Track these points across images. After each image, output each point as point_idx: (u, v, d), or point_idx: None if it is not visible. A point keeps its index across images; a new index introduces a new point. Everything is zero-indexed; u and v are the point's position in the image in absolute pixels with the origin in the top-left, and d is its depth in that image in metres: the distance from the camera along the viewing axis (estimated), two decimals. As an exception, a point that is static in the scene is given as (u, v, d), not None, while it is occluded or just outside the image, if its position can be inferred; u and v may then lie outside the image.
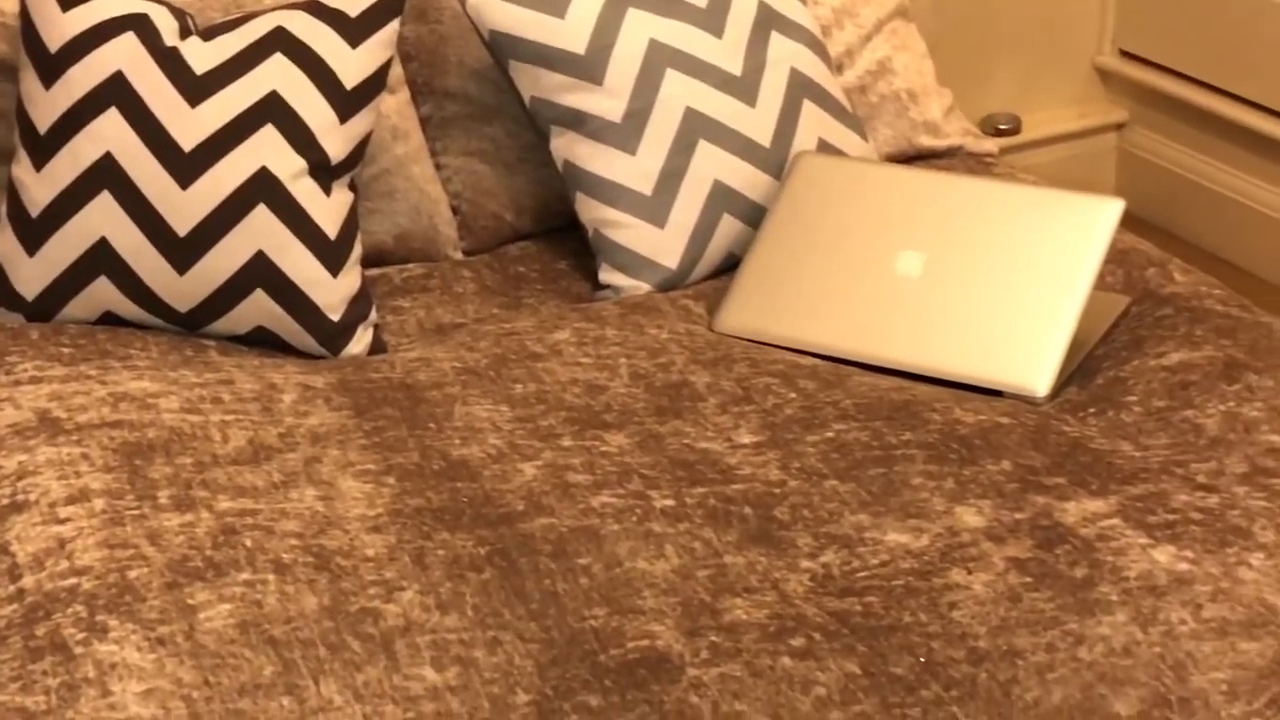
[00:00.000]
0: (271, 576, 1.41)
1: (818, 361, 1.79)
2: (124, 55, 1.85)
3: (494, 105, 2.13)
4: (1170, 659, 1.30)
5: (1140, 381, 1.70)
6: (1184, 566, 1.40)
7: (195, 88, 1.84)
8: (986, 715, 1.25)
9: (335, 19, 1.91)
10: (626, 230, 1.97)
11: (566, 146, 2.01)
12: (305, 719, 1.26)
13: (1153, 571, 1.39)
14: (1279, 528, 1.44)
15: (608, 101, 1.99)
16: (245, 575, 1.41)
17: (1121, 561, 1.41)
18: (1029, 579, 1.39)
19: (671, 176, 1.98)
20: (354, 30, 1.91)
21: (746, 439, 1.61)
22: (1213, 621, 1.33)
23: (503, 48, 2.01)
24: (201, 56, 1.87)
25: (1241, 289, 2.90)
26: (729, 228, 2.00)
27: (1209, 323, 1.79)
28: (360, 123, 1.91)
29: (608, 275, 1.98)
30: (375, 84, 1.93)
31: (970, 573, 1.40)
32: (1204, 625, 1.33)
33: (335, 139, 1.88)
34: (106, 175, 1.81)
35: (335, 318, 1.84)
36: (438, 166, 2.10)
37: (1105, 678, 1.28)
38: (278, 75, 1.87)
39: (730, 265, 2.01)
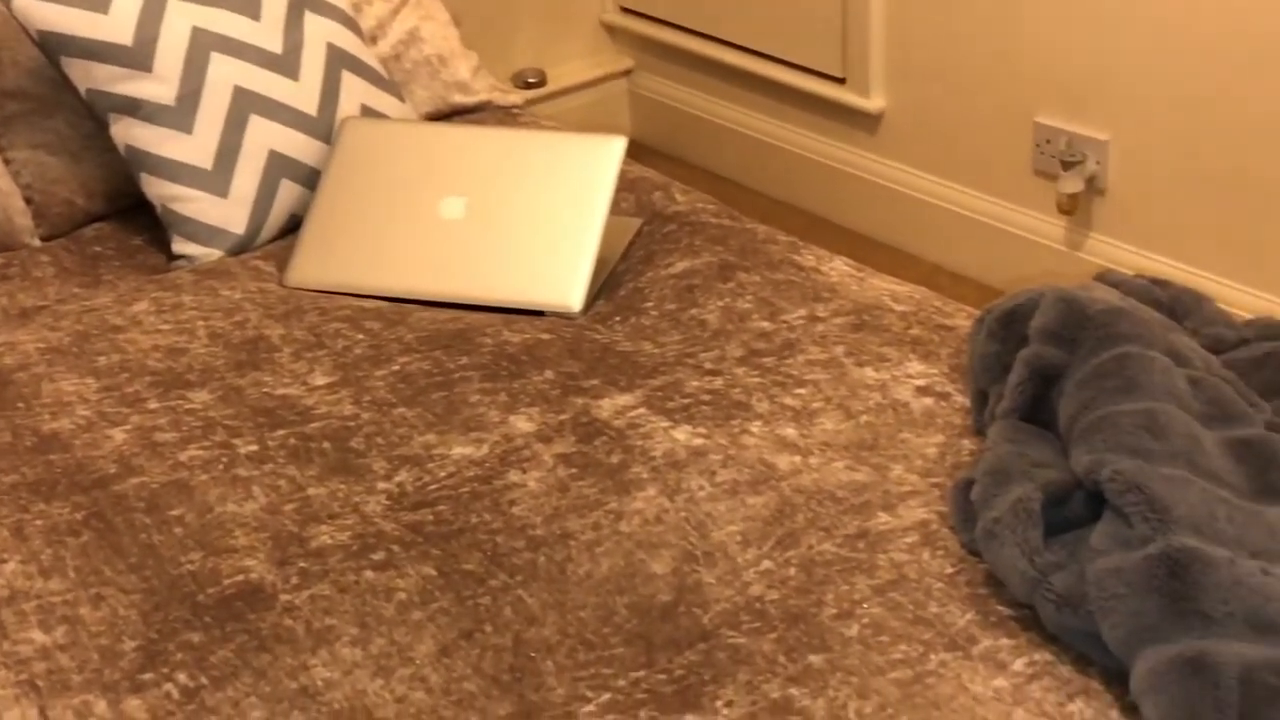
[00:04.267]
0: None
1: (381, 303, 1.76)
2: None
3: (53, 99, 2.01)
4: (694, 520, 1.33)
5: (654, 289, 1.74)
6: (699, 441, 1.44)
7: None
8: (547, 593, 1.26)
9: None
10: (192, 203, 1.89)
11: (126, 132, 1.90)
12: (-84, 698, 1.17)
13: (674, 449, 1.43)
14: (771, 399, 1.50)
15: (159, 87, 1.89)
16: None
17: (648, 444, 1.44)
18: (574, 470, 1.41)
19: (228, 150, 1.91)
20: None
21: (321, 380, 1.58)
22: (725, 484, 1.38)
23: (53, 45, 1.89)
24: None
25: (736, 200, 3.04)
26: (288, 192, 1.95)
27: (705, 234, 1.84)
28: (-82, 127, 1.75)
29: (180, 246, 1.90)
30: (-71, 89, 1.77)
31: (525, 472, 1.41)
32: (718, 489, 1.37)
33: (-106, 145, 1.72)
34: None
35: (-84, 314, 1.69)
36: (6, 161, 1.96)
37: (643, 545, 1.31)
38: None
39: (293, 226, 1.96)
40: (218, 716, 1.15)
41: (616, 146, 1.83)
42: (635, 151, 3.17)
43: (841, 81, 2.87)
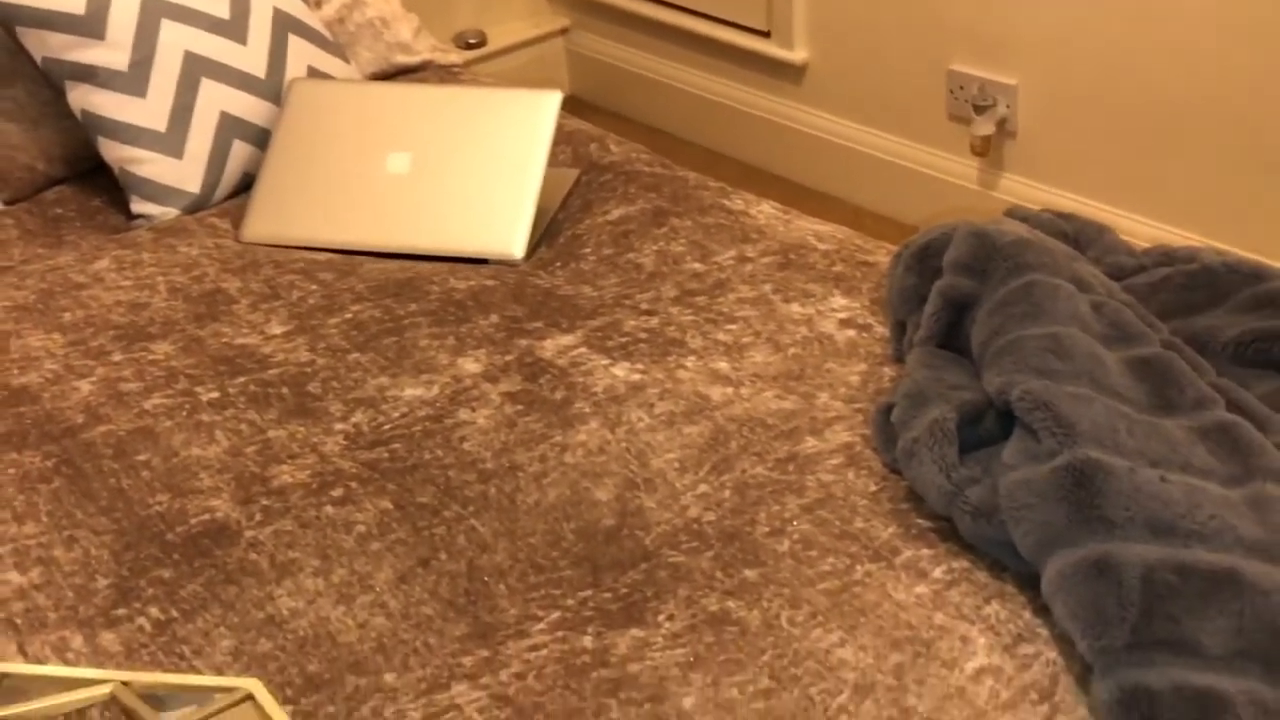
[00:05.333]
0: None
1: (333, 256, 1.75)
2: None
3: (10, 68, 1.97)
4: (634, 450, 1.34)
5: (592, 236, 1.73)
6: (637, 377, 1.44)
7: None
8: (498, 521, 1.27)
9: None
10: (148, 164, 1.86)
11: (82, 98, 1.87)
12: (-101, 640, 1.16)
13: (614, 385, 1.43)
14: (704, 334, 1.50)
15: (112, 54, 1.85)
16: None
17: (590, 380, 1.44)
18: (521, 407, 1.41)
19: (181, 112, 1.87)
20: None
21: (277, 330, 1.57)
22: (663, 415, 1.38)
23: (8, 15, 1.84)
24: None
25: (672, 152, 3.03)
26: (241, 151, 1.92)
27: (639, 182, 1.83)
28: (-122, 97, 1.71)
29: (139, 206, 1.87)
30: (-113, 60, 1.73)
31: (474, 410, 1.41)
32: (657, 420, 1.38)
33: None
34: None
35: (-116, 278, 1.66)
36: (-34, 129, 1.92)
37: (587, 474, 1.32)
38: None
39: (247, 184, 1.93)
40: (189, 646, 1.15)
41: (552, 101, 1.82)
42: (575, 107, 3.17)
43: (767, 35, 2.86)
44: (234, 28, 1.93)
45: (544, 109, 1.80)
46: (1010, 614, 1.13)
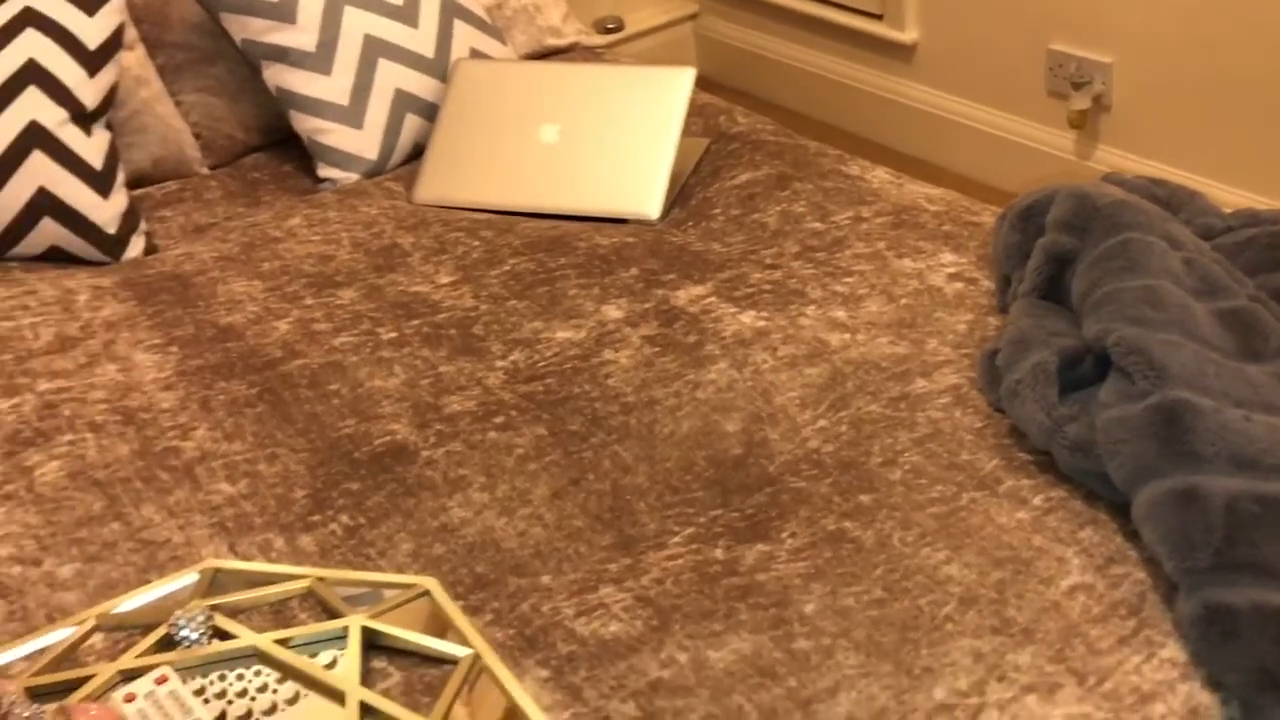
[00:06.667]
0: (90, 435, 1.35)
1: (492, 215, 1.78)
2: (-105, 42, 1.68)
3: (214, 50, 2.02)
4: (759, 388, 1.35)
5: (721, 198, 1.74)
6: (762, 323, 1.45)
7: (-38, 62, 1.69)
8: (639, 448, 1.29)
9: (71, -6, 1.77)
10: (333, 135, 1.91)
11: (276, 75, 1.92)
12: (132, 537, 1.22)
13: (741, 330, 1.44)
14: (823, 286, 1.51)
15: (302, 36, 1.90)
16: (68, 437, 1.35)
17: (719, 326, 1.45)
18: (658, 348, 1.43)
19: (362, 89, 1.92)
20: (89, 1, 1.78)
21: (445, 279, 1.60)
22: (785, 358, 1.39)
23: (213, 2, 1.90)
24: (-37, 36, 1.71)
25: (789, 125, 3.01)
26: (412, 124, 1.96)
27: (764, 150, 1.83)
28: (106, 76, 1.78)
29: (324, 171, 1.92)
30: (114, 44, 1.79)
31: (617, 351, 1.43)
32: (780, 362, 1.39)
33: (87, 91, 1.75)
34: (-102, 142, 1.66)
35: (111, 231, 1.73)
36: (177, 103, 1.99)
37: (717, 408, 1.33)
38: (33, 45, 1.73)
39: (417, 152, 1.97)
40: (374, 549, 1.20)
41: (687, 77, 1.82)
42: (701, 85, 3.15)
43: (879, 18, 2.83)
44: (407, 13, 1.97)
45: (679, 84, 1.81)
46: (1103, 538, 1.12)
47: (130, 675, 1.06)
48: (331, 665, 1.06)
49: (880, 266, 1.53)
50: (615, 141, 1.79)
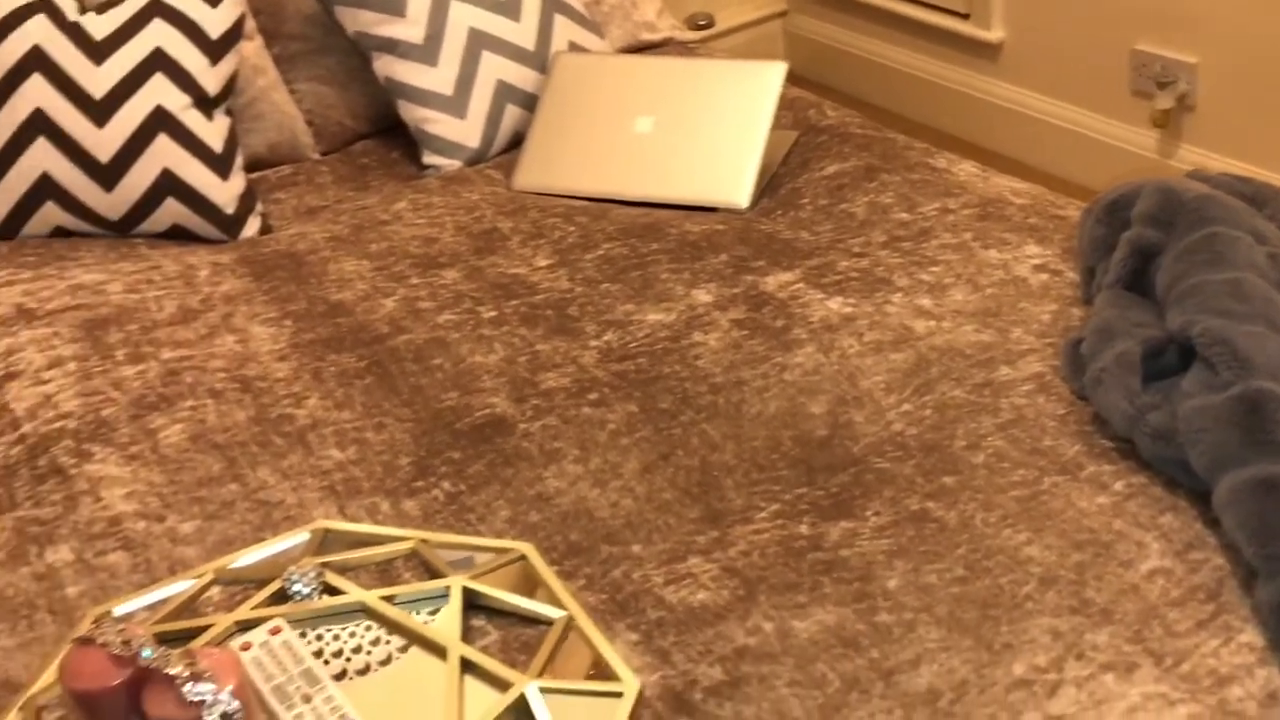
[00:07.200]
0: (210, 401, 1.39)
1: (587, 202, 1.79)
2: (39, 32, 1.73)
3: (327, 41, 2.06)
4: (845, 372, 1.35)
5: (810, 188, 1.74)
6: (849, 309, 1.44)
7: (97, 51, 1.74)
8: (726, 426, 1.29)
9: (196, -13, 1.81)
10: (438, 124, 1.93)
11: (385, 66, 1.95)
12: (248, 496, 1.26)
13: (828, 316, 1.44)
14: (910, 275, 1.50)
15: (411, 29, 1.93)
16: (190, 402, 1.39)
17: (807, 311, 1.45)
18: (746, 332, 1.43)
19: (465, 80, 1.94)
20: (212, -5, 1.82)
21: (542, 262, 1.62)
22: (871, 344, 1.38)
23: (328, -3, 1.94)
24: (98, 26, 1.76)
25: (872, 119, 2.98)
26: (513, 114, 1.97)
27: (852, 142, 1.82)
28: (227, 64, 1.82)
29: (429, 158, 1.94)
30: (234, 34, 1.83)
31: (706, 333, 1.44)
32: (866, 347, 1.38)
33: (210, 78, 1.79)
34: (39, 125, 1.71)
35: (230, 211, 1.77)
36: (291, 92, 2.02)
37: (803, 390, 1.33)
38: (160, 35, 1.77)
39: (516, 141, 1.98)
40: (474, 515, 1.21)
41: (778, 71, 1.82)
42: (789, 81, 3.13)
43: (966, 17, 2.79)
44: (510, 7, 1.99)
45: (771, 78, 1.81)
46: (1182, 524, 1.10)
47: (246, 626, 1.09)
48: (432, 621, 1.08)
49: (966, 256, 1.51)
50: (707, 132, 1.79)
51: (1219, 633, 1.01)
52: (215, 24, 1.81)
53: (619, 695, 0.99)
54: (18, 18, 1.73)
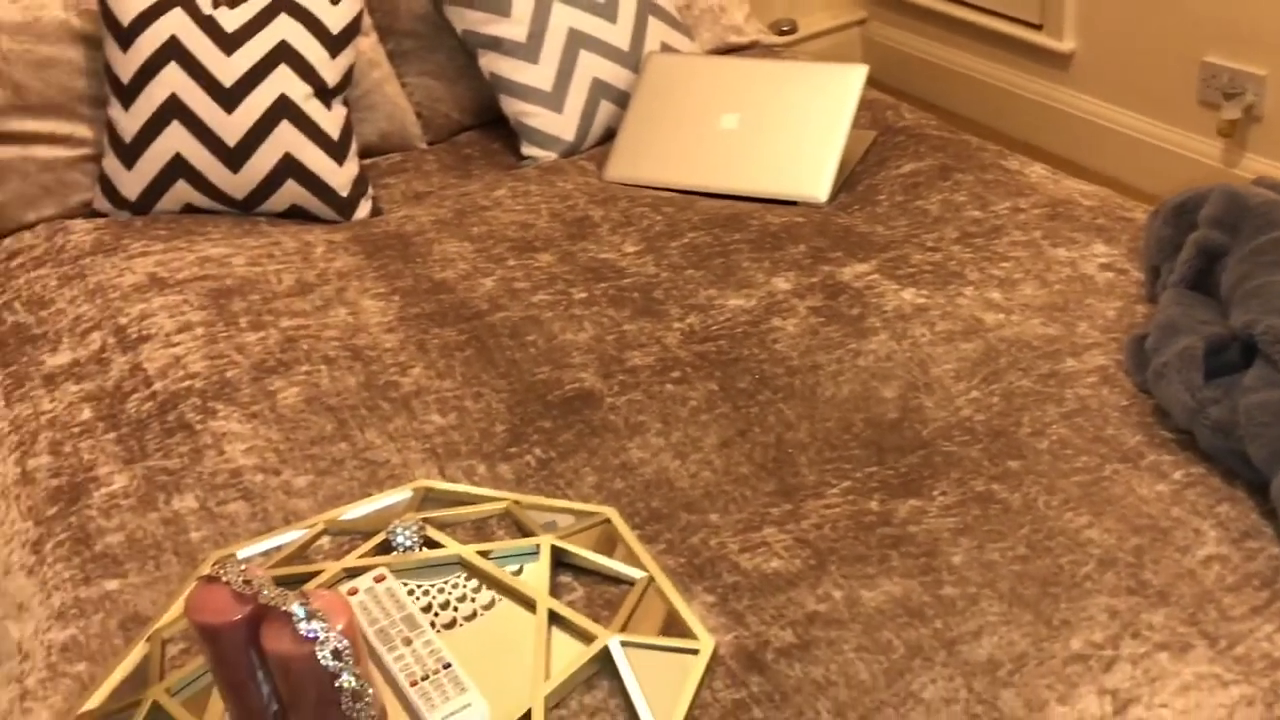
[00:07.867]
0: (324, 367, 1.42)
1: (674, 194, 1.79)
2: (176, 23, 1.78)
3: (436, 38, 2.08)
4: (917, 359, 1.34)
5: (886, 185, 1.73)
6: (922, 300, 1.44)
7: (229, 42, 1.78)
8: (801, 407, 1.29)
9: (319, -14, 1.85)
10: (537, 117, 1.95)
11: (490, 62, 1.97)
12: (356, 455, 1.28)
13: (902, 305, 1.43)
14: (981, 270, 1.48)
15: (515, 28, 1.95)
16: (305, 368, 1.42)
17: (881, 301, 1.45)
18: (822, 319, 1.43)
19: (564, 77, 1.95)
20: (333, -6, 1.86)
21: (630, 249, 1.63)
22: (943, 333, 1.38)
23: (438, -3, 1.96)
24: (230, 20, 1.80)
25: (948, 123, 2.94)
26: (606, 109, 1.98)
27: (928, 143, 1.81)
28: (345, 58, 1.86)
29: (527, 149, 1.96)
30: (353, 29, 1.87)
31: (784, 319, 1.44)
32: (937, 336, 1.37)
33: (329, 70, 1.83)
34: (174, 110, 1.76)
35: (344, 194, 1.81)
36: (403, 85, 2.06)
37: (876, 375, 1.33)
38: (285, 29, 1.81)
39: (609, 135, 1.99)
40: (563, 480, 1.23)
41: (859, 73, 1.81)
42: (868, 85, 3.10)
43: (1039, 27, 2.74)
44: (607, 9, 2.00)
45: (851, 80, 1.80)
46: (1239, 514, 1.09)
47: (353, 573, 1.12)
48: (520, 575, 1.10)
49: (1035, 254, 1.50)
50: (790, 130, 1.79)
51: (1274, 619, 0.99)
52: (336, 20, 1.85)
53: (695, 652, 1.00)
54: (158, 10, 1.78)
